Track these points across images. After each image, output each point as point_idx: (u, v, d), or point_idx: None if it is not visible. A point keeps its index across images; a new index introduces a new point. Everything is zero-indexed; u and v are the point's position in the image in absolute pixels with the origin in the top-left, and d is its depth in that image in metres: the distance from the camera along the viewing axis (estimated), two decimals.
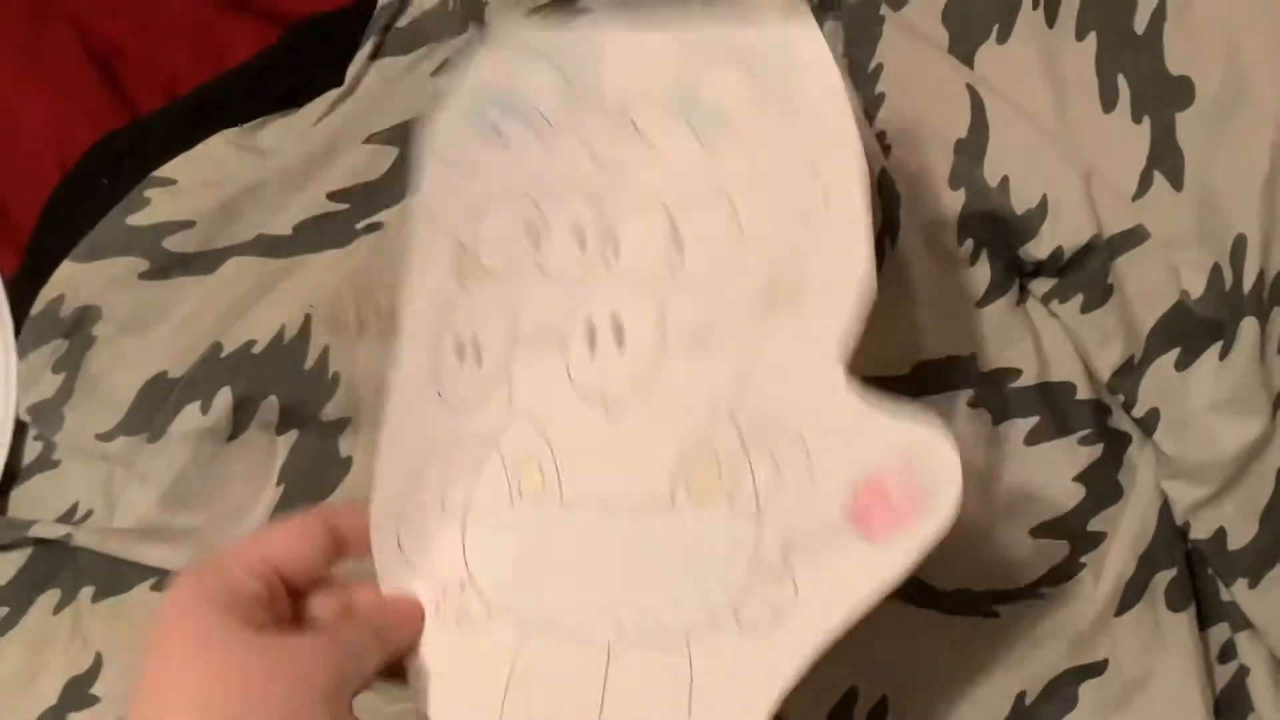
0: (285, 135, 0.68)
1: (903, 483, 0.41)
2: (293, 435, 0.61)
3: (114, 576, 0.63)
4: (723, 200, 0.45)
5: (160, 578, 0.63)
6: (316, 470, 0.61)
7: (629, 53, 0.48)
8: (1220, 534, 0.56)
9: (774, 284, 0.44)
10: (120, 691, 0.62)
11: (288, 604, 0.44)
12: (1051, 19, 0.59)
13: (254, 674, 0.39)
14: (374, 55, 0.69)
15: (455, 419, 0.47)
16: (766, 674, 0.42)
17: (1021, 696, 0.58)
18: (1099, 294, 0.57)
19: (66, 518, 0.63)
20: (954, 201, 0.58)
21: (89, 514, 0.63)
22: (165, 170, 0.67)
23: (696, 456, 0.44)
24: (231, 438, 0.61)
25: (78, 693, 0.62)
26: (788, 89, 0.45)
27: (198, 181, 0.66)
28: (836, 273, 0.43)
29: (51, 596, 0.65)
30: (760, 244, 0.45)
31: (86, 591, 0.64)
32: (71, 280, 0.65)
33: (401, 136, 0.66)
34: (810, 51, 0.45)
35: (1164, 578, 0.58)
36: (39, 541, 0.65)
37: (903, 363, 0.57)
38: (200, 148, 0.67)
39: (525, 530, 0.46)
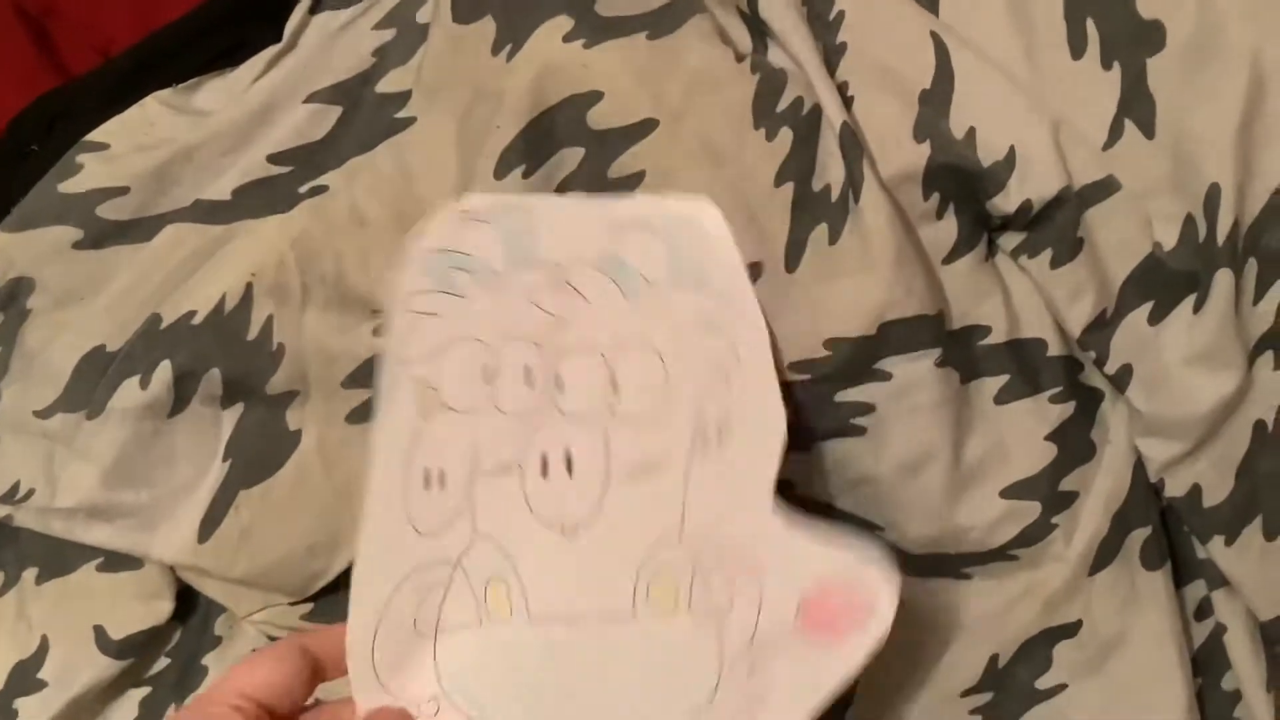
0: (222, 95, 0.66)
1: (845, 594, 0.47)
2: (238, 409, 0.60)
3: (58, 557, 0.62)
4: (650, 352, 0.52)
5: (105, 557, 0.62)
6: (264, 445, 0.60)
7: (561, 218, 0.54)
8: (1195, 491, 0.56)
9: (701, 426, 0.50)
10: (68, 675, 0.60)
11: None
12: None
13: None
14: (313, 9, 0.67)
15: (424, 543, 0.50)
16: None
17: (994, 659, 0.58)
18: (1069, 248, 0.56)
19: (7, 498, 0.62)
20: (919, 154, 0.57)
21: (30, 493, 0.61)
22: (97, 135, 0.64)
23: (652, 571, 0.49)
24: (174, 413, 0.59)
25: (24, 677, 0.61)
26: (697, 259, 0.52)
27: (131, 146, 0.64)
28: (754, 419, 0.50)
29: None
30: (685, 390, 0.51)
31: (30, 573, 0.63)
32: (3, 251, 0.63)
33: (344, 94, 0.64)
34: (712, 228, 0.53)
35: (1138, 536, 0.57)
36: None
37: (868, 322, 0.56)
38: (133, 110, 0.65)
39: (495, 647, 0.50)
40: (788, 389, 0.54)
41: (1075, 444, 0.58)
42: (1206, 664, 0.58)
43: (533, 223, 0.54)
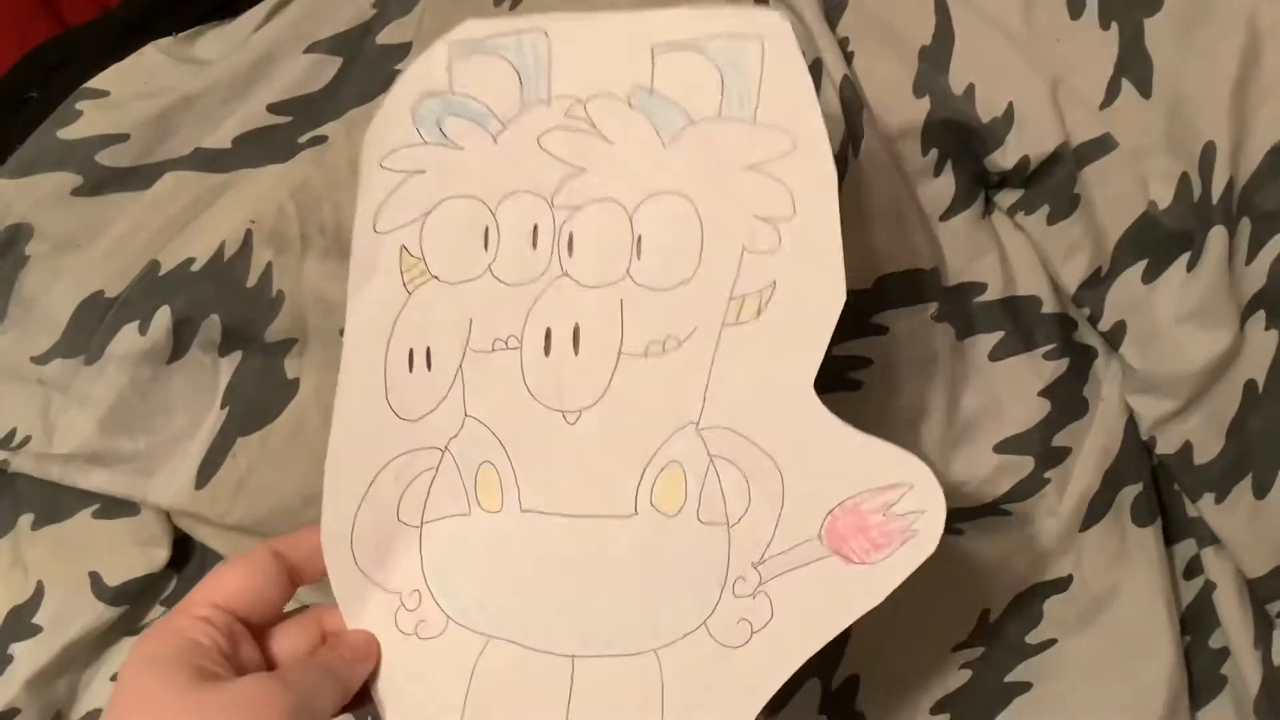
0: (222, 44, 0.66)
1: (883, 511, 0.41)
2: (236, 356, 0.60)
3: (54, 503, 0.62)
4: (684, 201, 0.44)
5: (101, 504, 0.62)
6: (262, 392, 0.60)
7: (583, 41, 0.46)
8: (1187, 448, 0.56)
9: (739, 293, 0.43)
10: (63, 620, 0.60)
11: (253, 646, 0.44)
12: None
13: None
14: None
15: (407, 428, 0.46)
16: (745, 687, 0.42)
17: (986, 613, 0.58)
18: (1065, 205, 0.57)
19: (4, 444, 0.61)
20: (918, 110, 0.57)
21: (27, 439, 0.61)
22: (97, 82, 0.64)
23: (660, 465, 0.43)
24: (173, 359, 0.59)
25: (19, 622, 0.61)
26: (755, 92, 0.43)
27: (131, 93, 0.64)
28: (806, 285, 0.42)
29: None
30: (724, 249, 0.43)
31: (26, 519, 0.62)
32: (1, 197, 0.63)
33: (345, 45, 0.64)
34: (778, 47, 0.43)
35: (1129, 493, 0.58)
36: None
37: (865, 276, 0.56)
38: (133, 58, 0.65)
39: (484, 539, 0.45)
40: None
41: (1068, 400, 0.58)
42: (1195, 621, 0.59)
43: (549, 50, 0.45)
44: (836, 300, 0.42)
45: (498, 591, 0.45)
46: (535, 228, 0.45)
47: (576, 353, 0.44)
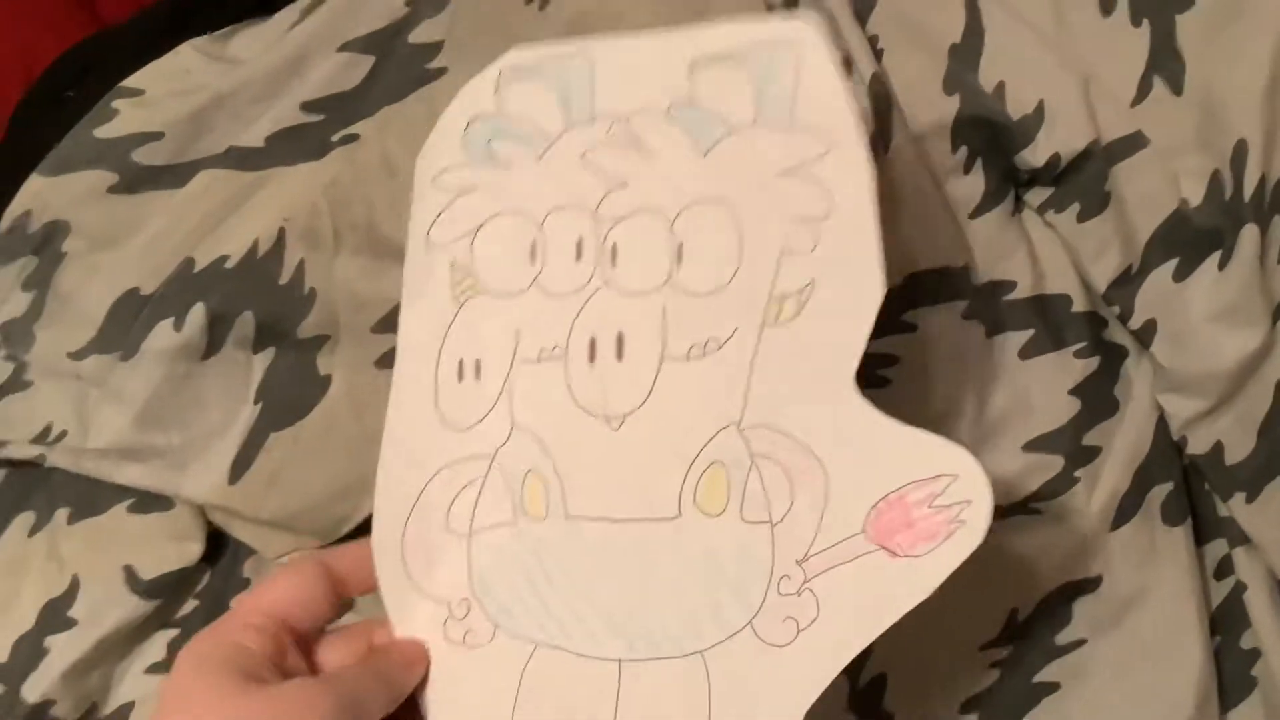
0: (256, 44, 0.66)
1: (928, 502, 0.40)
2: (269, 353, 0.60)
3: (89, 497, 0.63)
4: (722, 208, 0.45)
5: (136, 498, 0.62)
6: (294, 389, 0.60)
7: (624, 61, 0.47)
8: (1218, 448, 0.56)
9: (778, 292, 0.43)
10: (98, 614, 0.61)
11: (298, 655, 0.45)
12: None
13: None
14: None
15: (456, 438, 0.47)
16: (792, 685, 0.42)
17: (1014, 613, 0.58)
18: (1096, 203, 0.56)
19: (40, 439, 0.62)
20: (948, 108, 0.57)
21: (63, 434, 0.62)
22: (133, 81, 0.65)
23: (702, 467, 0.44)
24: (206, 356, 0.60)
25: (55, 615, 0.62)
26: (791, 97, 0.44)
27: (166, 92, 0.64)
28: (845, 284, 0.43)
29: (26, 519, 0.64)
30: (762, 252, 0.44)
31: (62, 513, 0.63)
32: (39, 195, 0.64)
33: (377, 44, 0.64)
34: (811, 53, 0.44)
35: (1160, 492, 0.57)
36: (12, 463, 0.65)
37: (894, 274, 0.55)
38: (168, 57, 0.66)
39: (530, 546, 0.46)
40: None
41: (1098, 399, 0.58)
42: (1225, 622, 0.58)
43: (592, 71, 0.47)
44: (875, 296, 0.42)
45: (544, 599, 0.45)
46: (580, 240, 0.46)
47: (620, 359, 0.45)
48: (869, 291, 0.42)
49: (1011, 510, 0.58)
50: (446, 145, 0.49)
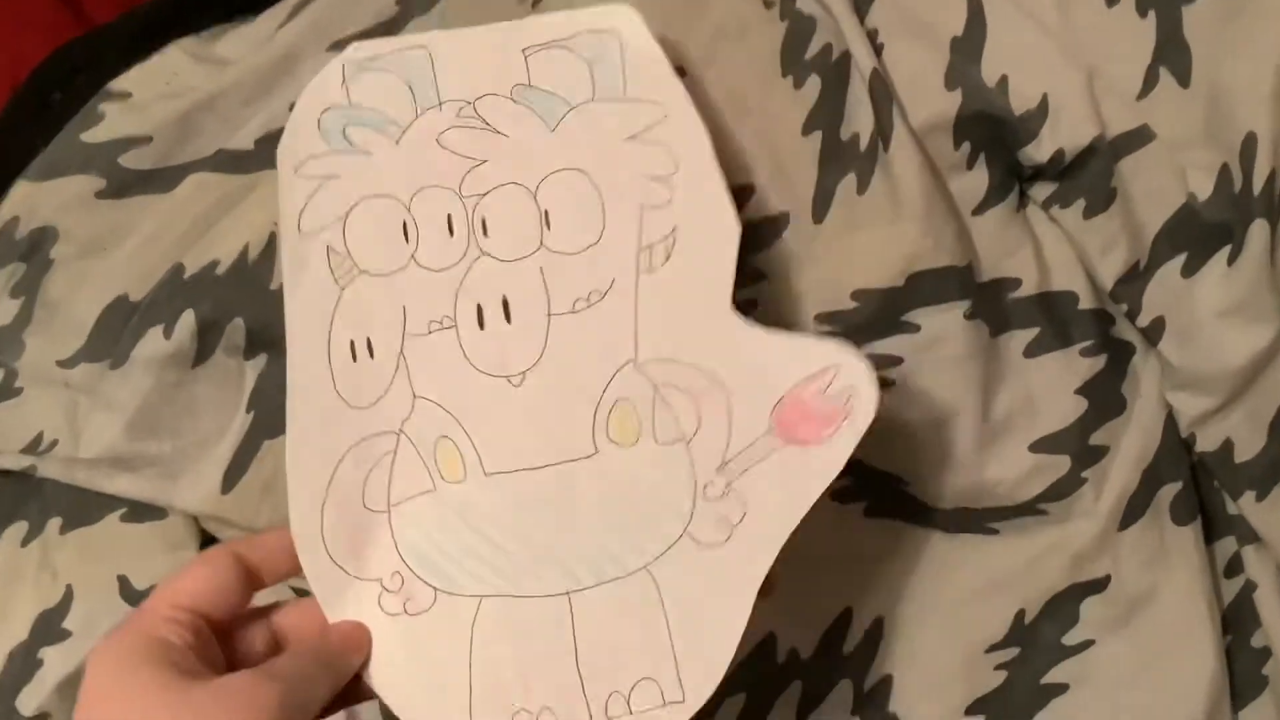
0: (244, 44, 0.65)
1: (820, 394, 0.45)
2: (261, 360, 0.60)
3: (81, 507, 0.62)
4: (579, 175, 0.48)
5: (129, 507, 0.62)
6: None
7: (461, 51, 0.50)
8: (1227, 445, 0.56)
9: (646, 242, 0.48)
10: (93, 624, 0.60)
11: (216, 645, 0.45)
12: None
13: None
14: None
15: (360, 416, 0.48)
16: (737, 575, 0.45)
17: (1021, 614, 0.58)
18: (1102, 198, 0.56)
19: (31, 448, 0.62)
20: (950, 102, 0.56)
21: (54, 444, 0.61)
22: (120, 83, 0.64)
23: (609, 404, 0.47)
24: (198, 363, 0.59)
25: (49, 627, 0.61)
26: (617, 69, 0.49)
27: (153, 95, 0.64)
28: (703, 226, 0.47)
29: (19, 529, 0.63)
30: (622, 208, 0.48)
31: (54, 523, 0.63)
32: (26, 201, 0.63)
33: None
34: (632, 32, 0.49)
35: (1169, 491, 0.57)
36: (3, 473, 0.64)
37: (896, 273, 0.55)
38: (155, 59, 0.65)
39: (455, 509, 0.47)
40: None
41: (1106, 398, 0.57)
42: (1236, 621, 0.58)
43: (434, 62, 0.50)
44: (732, 232, 0.47)
45: (479, 553, 0.47)
46: (449, 216, 0.49)
47: (509, 321, 0.48)
48: (725, 229, 0.47)
49: (1018, 511, 0.57)
50: (304, 136, 0.50)
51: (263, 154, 0.62)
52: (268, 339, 0.59)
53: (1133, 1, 0.54)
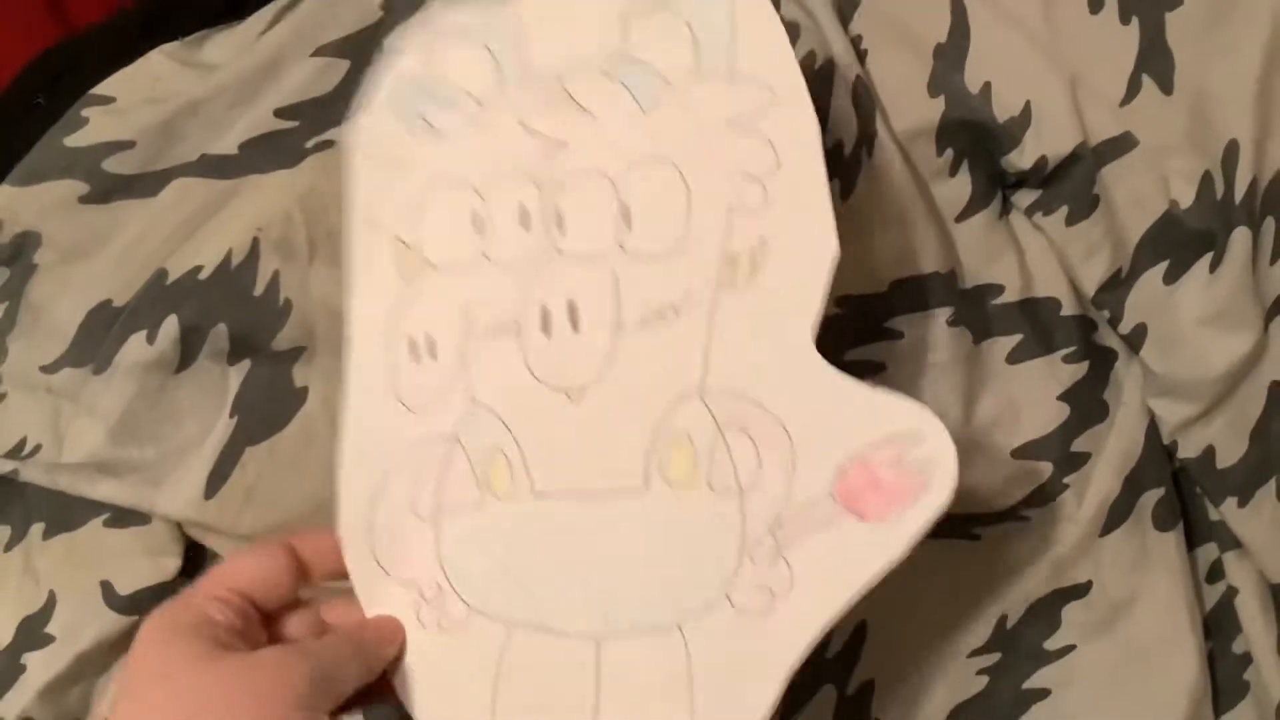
0: (229, 49, 0.65)
1: (894, 464, 0.40)
2: (245, 365, 0.59)
3: (64, 512, 0.62)
4: (668, 167, 0.44)
5: (112, 512, 0.61)
6: (270, 402, 0.59)
7: (557, 18, 0.46)
8: (1209, 452, 0.56)
9: (730, 252, 0.43)
10: (76, 630, 0.60)
11: (261, 628, 0.45)
12: None
13: (222, 690, 0.40)
14: None
15: (416, 420, 0.47)
16: (771, 654, 0.41)
17: (1003, 620, 0.58)
18: (1085, 205, 0.56)
19: (14, 453, 0.61)
20: (933, 110, 0.56)
21: (37, 448, 0.61)
22: (103, 88, 0.64)
23: (667, 437, 0.43)
24: (181, 368, 0.59)
25: (31, 632, 0.61)
26: (730, 45, 0.44)
27: (137, 99, 0.63)
28: (797, 241, 0.42)
29: (1, 534, 0.63)
30: (711, 209, 0.43)
31: (37, 528, 0.62)
32: (9, 205, 0.63)
33: (353, 48, 0.63)
34: (749, 2, 0.44)
35: (1151, 497, 0.57)
36: None
37: (879, 279, 0.55)
38: (139, 64, 0.64)
39: (499, 526, 0.45)
40: None
41: (1088, 404, 0.57)
42: (1218, 627, 0.58)
43: (524, 29, 0.46)
44: (828, 252, 0.42)
45: (517, 577, 0.45)
46: (524, 207, 0.46)
47: (575, 330, 0.45)
48: (822, 249, 0.42)
49: (1000, 517, 0.57)
50: (376, 117, 0.48)
51: (246, 159, 0.62)
52: (250, 345, 0.59)
53: (1116, 8, 0.55)
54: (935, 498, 0.40)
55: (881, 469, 0.40)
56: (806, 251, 0.42)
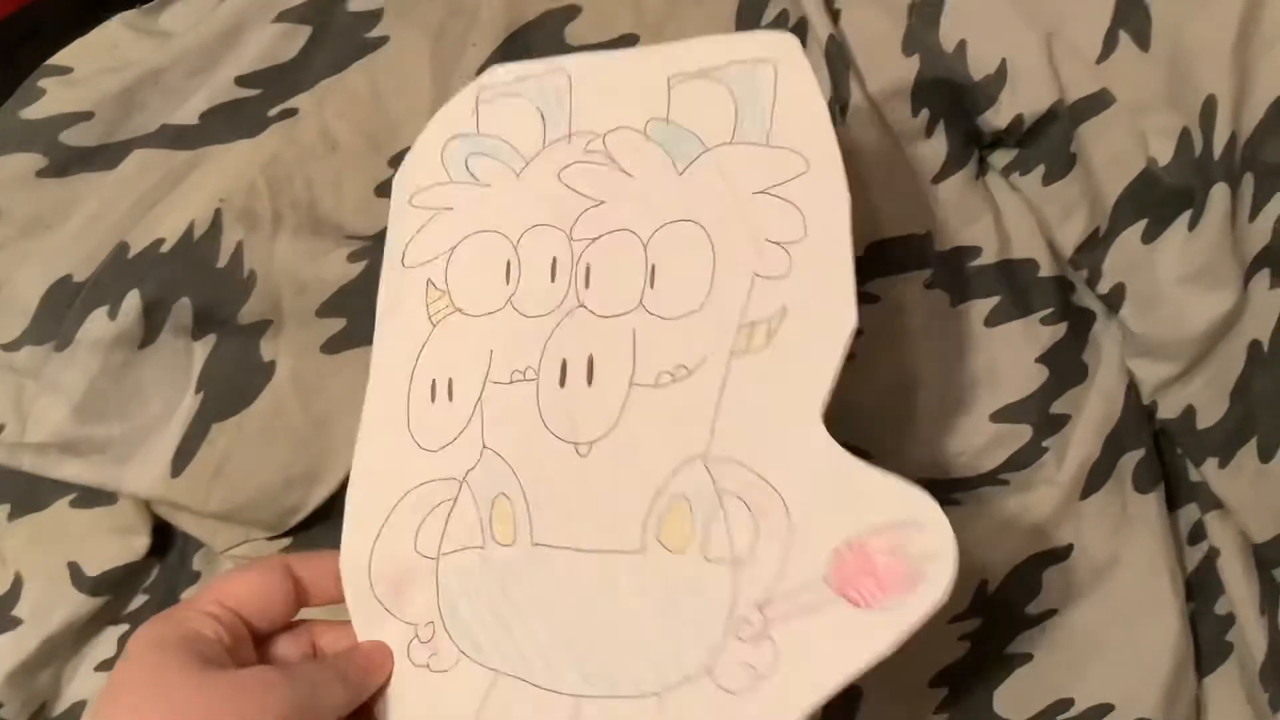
0: (187, 16, 0.64)
1: (892, 552, 0.39)
2: (210, 339, 0.58)
3: (30, 493, 0.61)
4: (695, 227, 0.45)
5: (79, 493, 0.61)
6: (237, 376, 0.58)
7: (601, 78, 0.48)
8: (1189, 412, 0.55)
9: (749, 321, 0.43)
10: (43, 612, 0.59)
11: (251, 647, 0.46)
12: None
13: (203, 704, 0.40)
14: None
15: (427, 458, 0.47)
16: None
17: (984, 585, 0.57)
18: (1061, 164, 0.55)
19: None
20: (908, 68, 0.56)
21: (0, 428, 0.60)
22: (60, 58, 0.63)
23: (667, 501, 0.43)
24: (144, 344, 0.58)
25: None
26: (769, 113, 0.44)
27: (95, 69, 0.62)
28: (816, 313, 0.42)
29: None
30: (734, 276, 0.44)
31: (1, 510, 0.61)
32: None
33: (314, 13, 0.62)
34: (791, 70, 0.44)
35: (1131, 459, 0.57)
36: None
37: (856, 243, 0.54)
38: (96, 32, 0.63)
39: (497, 572, 0.45)
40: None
41: (1067, 366, 0.57)
42: (1200, 588, 0.58)
43: (569, 88, 0.48)
44: (846, 326, 0.41)
45: (508, 626, 0.45)
46: (554, 260, 0.46)
47: (590, 384, 0.45)
48: (841, 322, 0.41)
49: (979, 481, 0.57)
50: (425, 164, 0.49)
51: (208, 129, 0.61)
52: (215, 318, 0.58)
53: None
54: (932, 591, 0.38)
55: (879, 556, 0.39)
56: (825, 322, 0.42)
